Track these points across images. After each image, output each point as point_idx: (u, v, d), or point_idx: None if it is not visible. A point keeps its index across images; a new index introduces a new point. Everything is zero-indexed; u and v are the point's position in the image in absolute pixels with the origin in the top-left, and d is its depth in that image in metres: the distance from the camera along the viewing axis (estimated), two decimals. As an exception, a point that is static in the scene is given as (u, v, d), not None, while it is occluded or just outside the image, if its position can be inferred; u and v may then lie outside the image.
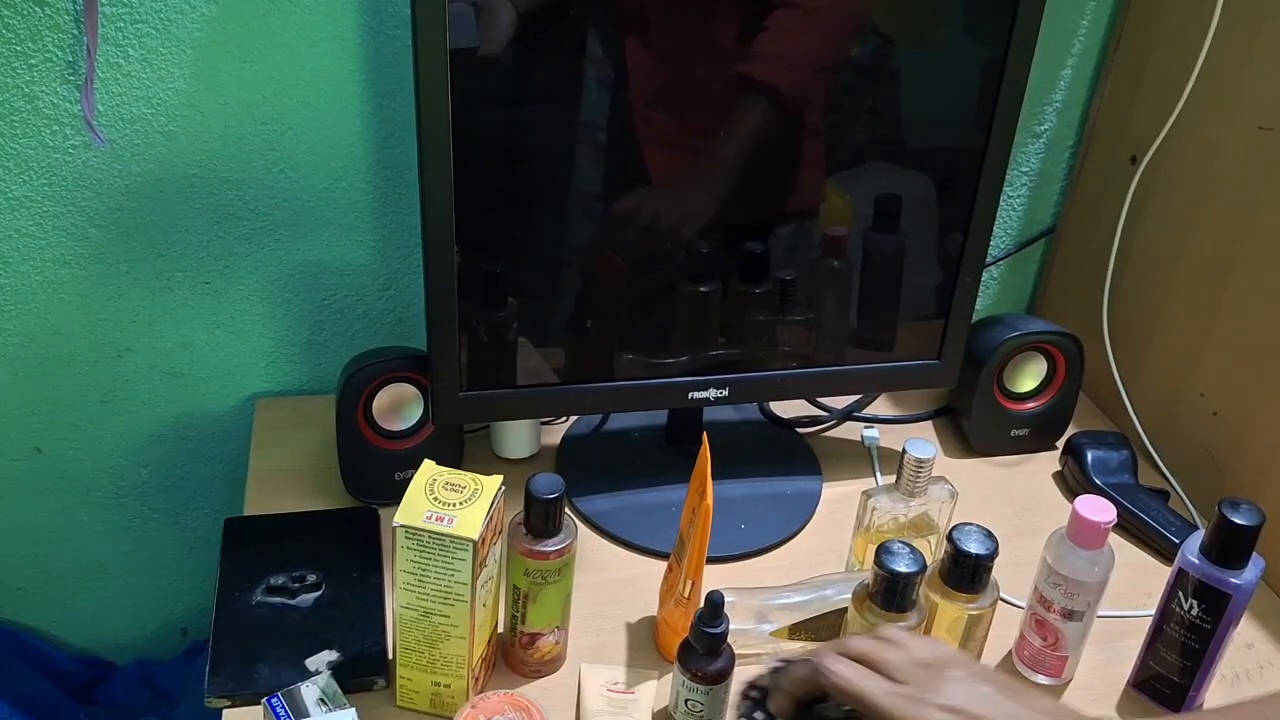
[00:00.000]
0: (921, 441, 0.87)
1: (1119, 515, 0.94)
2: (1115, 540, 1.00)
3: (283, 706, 0.73)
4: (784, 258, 0.95)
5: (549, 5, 0.81)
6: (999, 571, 0.79)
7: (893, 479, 0.90)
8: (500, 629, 0.84)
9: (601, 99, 0.86)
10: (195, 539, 1.20)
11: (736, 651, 0.76)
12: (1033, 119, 1.19)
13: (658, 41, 0.83)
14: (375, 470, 0.97)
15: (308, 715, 0.72)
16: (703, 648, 0.75)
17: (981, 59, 0.91)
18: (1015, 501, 1.06)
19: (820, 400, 1.16)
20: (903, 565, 0.75)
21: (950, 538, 0.78)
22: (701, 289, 0.94)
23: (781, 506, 1.02)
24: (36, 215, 0.99)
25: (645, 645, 0.87)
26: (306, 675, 0.79)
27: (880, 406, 1.18)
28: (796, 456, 1.10)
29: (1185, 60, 1.02)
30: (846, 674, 0.63)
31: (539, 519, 0.77)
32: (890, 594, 0.75)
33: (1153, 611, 0.84)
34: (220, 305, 1.08)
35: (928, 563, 0.77)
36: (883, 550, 0.75)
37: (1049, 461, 1.12)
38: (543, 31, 0.82)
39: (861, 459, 1.11)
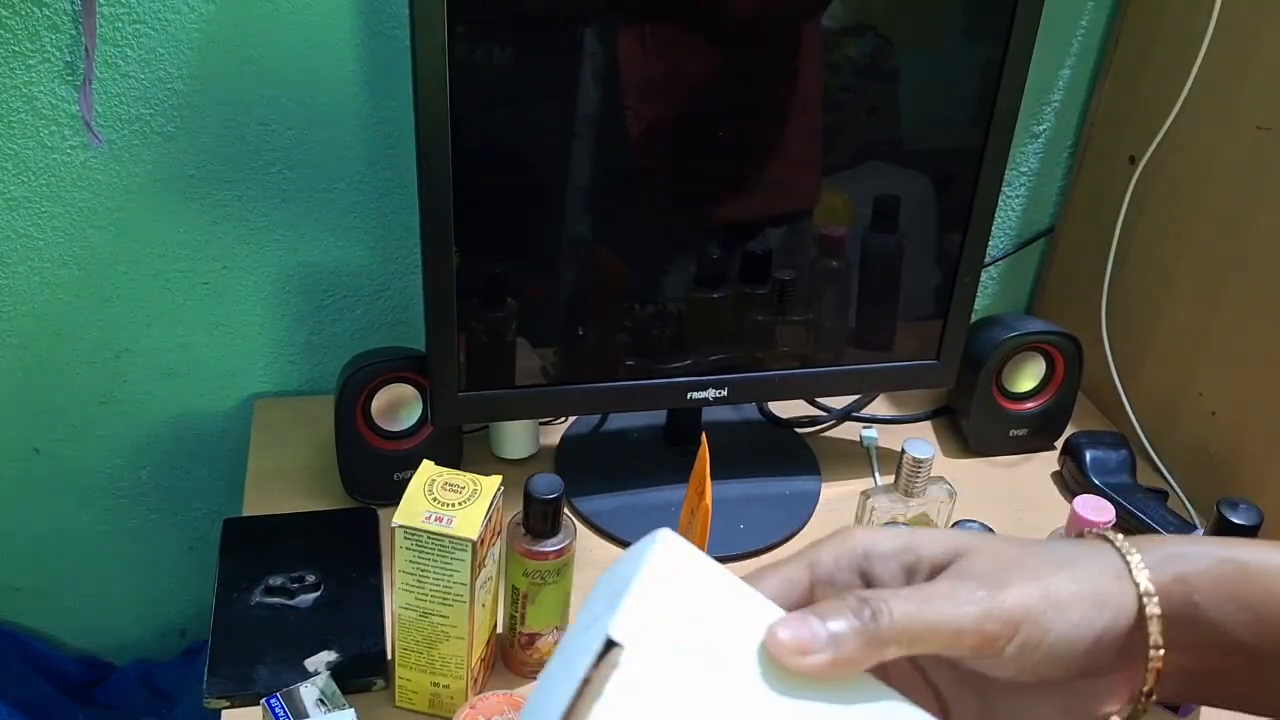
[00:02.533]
0: (920, 441, 0.87)
1: (1117, 515, 0.94)
2: (1114, 540, 1.00)
3: (281, 707, 0.73)
4: (783, 258, 0.95)
5: (548, 4, 0.81)
6: (998, 571, 0.79)
7: (892, 479, 0.90)
8: (499, 629, 0.84)
9: (601, 98, 0.85)
10: (194, 539, 1.20)
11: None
12: (1031, 119, 1.19)
13: (650, 33, 0.83)
14: (374, 471, 0.97)
15: (307, 716, 0.72)
16: None
17: (980, 59, 0.91)
18: (1014, 501, 1.06)
19: (819, 400, 1.16)
20: None
21: (949, 537, 0.78)
22: (701, 289, 0.94)
23: (780, 506, 1.02)
24: (35, 216, 0.99)
25: (644, 645, 0.87)
26: (305, 676, 0.79)
27: (879, 406, 1.18)
28: (795, 456, 1.10)
29: (1184, 60, 1.02)
30: None
31: (538, 519, 0.77)
32: None
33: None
34: (219, 306, 1.07)
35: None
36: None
37: (1047, 461, 1.12)
38: (541, 31, 0.82)
39: (860, 459, 1.11)
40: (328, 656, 0.82)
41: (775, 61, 0.88)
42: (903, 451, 0.86)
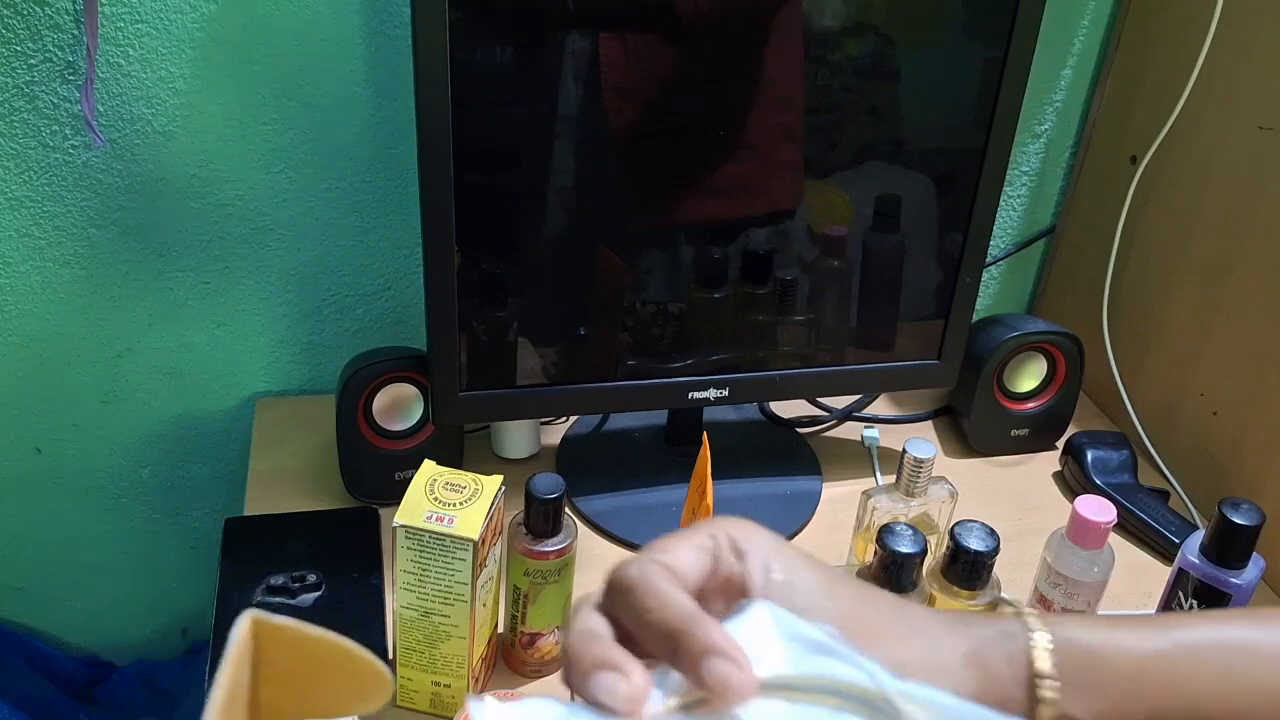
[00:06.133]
0: (921, 441, 0.87)
1: (1119, 515, 0.94)
2: (1115, 540, 1.00)
3: (283, 706, 0.73)
4: (784, 258, 0.95)
5: (547, 5, 0.81)
6: (998, 571, 0.79)
7: (893, 479, 0.90)
8: (500, 629, 0.84)
9: (597, 97, 0.85)
10: (195, 539, 1.20)
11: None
12: (1033, 119, 1.19)
13: (631, 37, 0.83)
14: (375, 470, 0.97)
15: (308, 715, 0.72)
16: None
17: (981, 59, 0.91)
18: (1015, 501, 1.06)
19: (820, 400, 1.16)
20: (905, 546, 0.75)
21: (952, 533, 0.78)
22: (701, 289, 0.94)
23: (781, 506, 1.02)
24: (36, 215, 0.99)
25: (645, 645, 0.87)
26: (306, 675, 0.79)
27: (880, 406, 1.18)
28: (796, 456, 1.10)
29: (1185, 60, 1.02)
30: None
31: (539, 519, 0.77)
32: (891, 574, 0.76)
33: (1153, 611, 0.84)
34: (220, 305, 1.08)
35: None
36: (885, 531, 0.76)
37: (1049, 461, 1.12)
38: (541, 31, 0.82)
39: (861, 459, 1.11)
40: (329, 656, 0.82)
41: (754, 62, 0.87)
42: (904, 451, 0.86)
